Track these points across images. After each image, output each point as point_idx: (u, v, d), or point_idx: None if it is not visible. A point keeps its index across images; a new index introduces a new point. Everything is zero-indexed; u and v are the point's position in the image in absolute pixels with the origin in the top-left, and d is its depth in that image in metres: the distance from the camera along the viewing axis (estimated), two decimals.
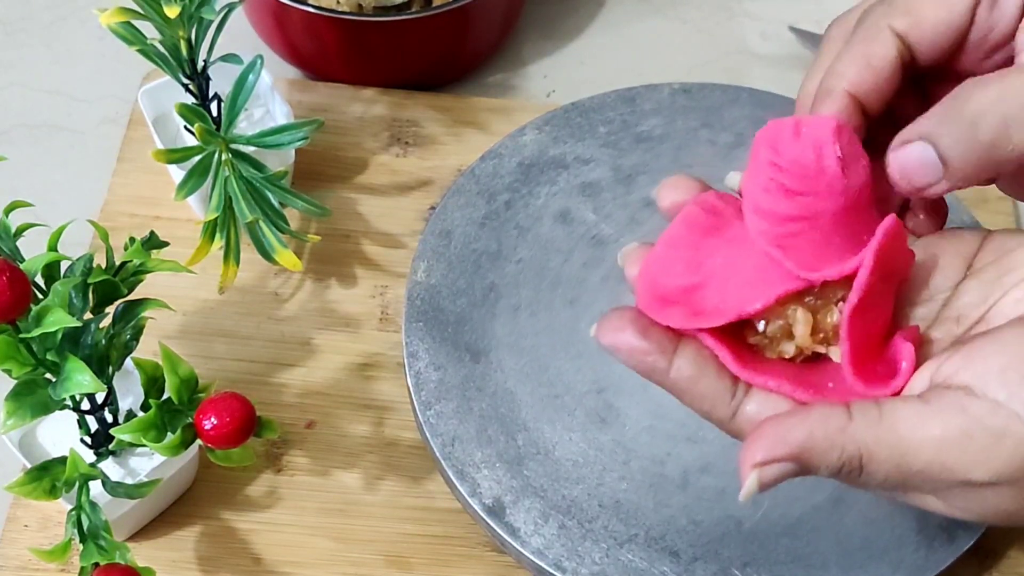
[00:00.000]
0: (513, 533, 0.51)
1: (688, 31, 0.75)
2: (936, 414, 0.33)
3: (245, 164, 0.55)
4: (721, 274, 0.37)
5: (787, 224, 0.36)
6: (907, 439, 0.33)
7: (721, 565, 0.50)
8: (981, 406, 0.33)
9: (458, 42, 0.69)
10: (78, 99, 0.70)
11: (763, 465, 0.34)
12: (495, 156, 0.62)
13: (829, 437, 0.33)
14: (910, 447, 0.33)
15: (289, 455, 0.56)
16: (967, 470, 0.33)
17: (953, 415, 0.33)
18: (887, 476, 0.34)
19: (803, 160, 0.36)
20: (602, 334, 0.37)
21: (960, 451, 0.33)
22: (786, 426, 0.34)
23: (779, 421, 0.34)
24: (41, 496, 0.45)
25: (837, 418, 0.34)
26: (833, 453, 0.33)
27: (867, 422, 0.34)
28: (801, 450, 0.33)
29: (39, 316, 0.42)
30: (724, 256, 0.37)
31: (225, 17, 0.55)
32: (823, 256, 0.35)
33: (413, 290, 0.58)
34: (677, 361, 0.36)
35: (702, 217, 0.38)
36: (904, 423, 0.34)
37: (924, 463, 0.33)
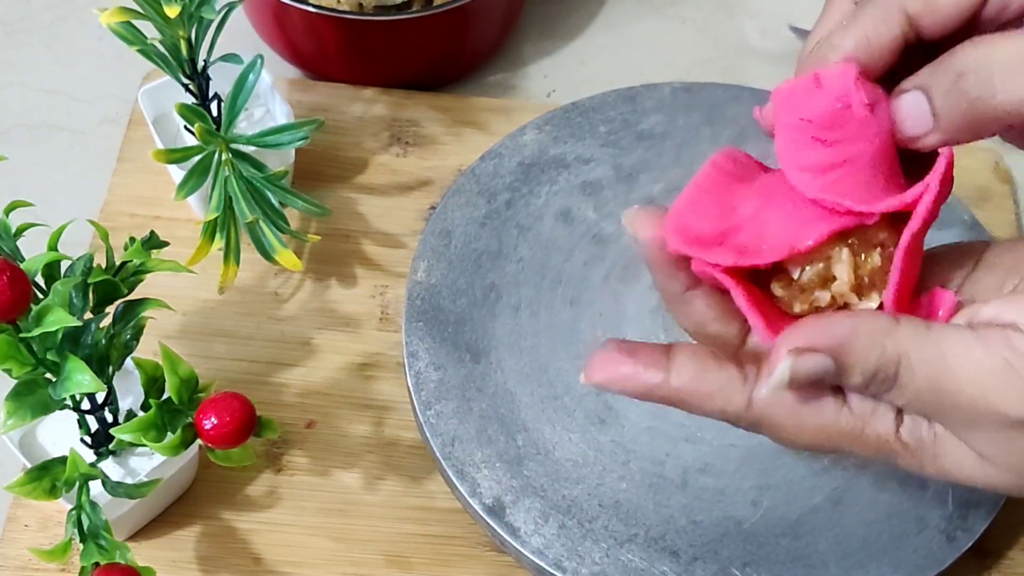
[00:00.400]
0: (513, 533, 0.51)
1: (688, 30, 0.75)
2: (982, 344, 0.33)
3: (245, 164, 0.55)
4: (758, 219, 0.36)
5: (829, 173, 0.35)
6: (950, 357, 0.33)
7: (721, 565, 0.50)
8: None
9: (458, 42, 0.69)
10: (78, 99, 0.70)
11: (800, 353, 0.33)
12: (495, 156, 0.62)
13: (873, 335, 0.33)
14: (951, 368, 0.33)
15: (289, 455, 0.56)
16: (1004, 403, 0.33)
17: (999, 348, 0.33)
18: (919, 392, 0.33)
19: (831, 109, 0.36)
20: (591, 375, 0.36)
21: (1001, 382, 0.32)
22: (831, 320, 0.33)
23: (822, 317, 0.33)
24: (41, 496, 0.45)
25: (884, 321, 0.33)
26: (873, 352, 0.33)
27: (914, 331, 0.33)
28: (842, 343, 0.33)
29: (39, 316, 0.42)
30: (757, 203, 0.36)
31: (225, 17, 0.55)
32: (871, 195, 0.35)
33: (413, 290, 0.58)
34: (674, 366, 0.35)
35: (731, 165, 0.37)
36: (950, 343, 0.33)
37: (961, 386, 0.33)
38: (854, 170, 0.35)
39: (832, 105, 0.36)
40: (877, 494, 0.52)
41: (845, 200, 0.34)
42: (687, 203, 0.36)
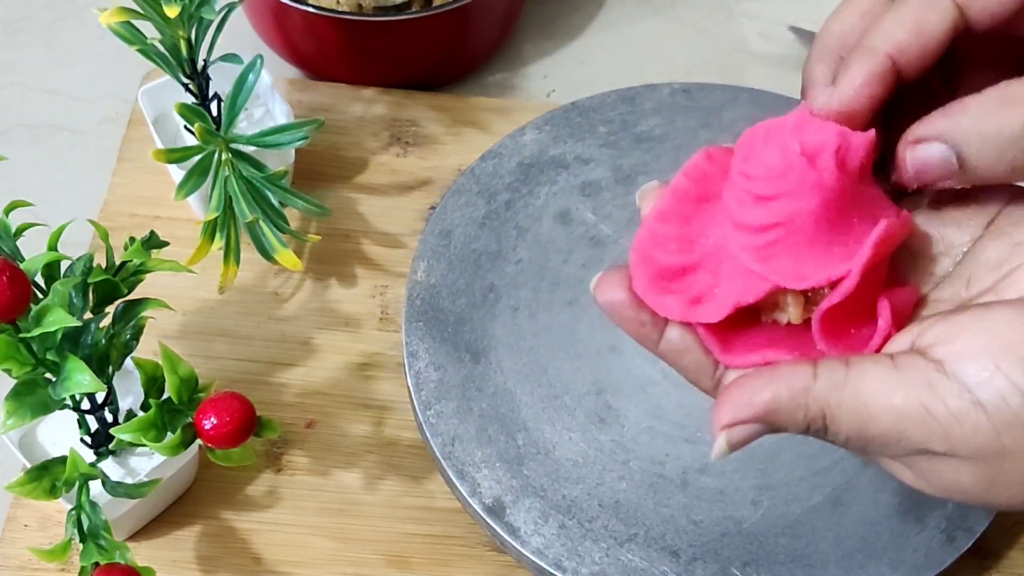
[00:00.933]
0: (513, 533, 0.51)
1: (687, 31, 0.75)
2: (901, 384, 0.33)
3: (245, 164, 0.55)
4: (714, 256, 0.37)
5: (765, 233, 0.35)
6: (868, 405, 0.33)
7: (721, 565, 0.50)
8: (948, 386, 0.33)
9: (458, 42, 0.69)
10: (78, 99, 0.70)
11: (731, 427, 0.34)
12: (495, 156, 0.62)
13: (794, 398, 0.34)
14: (871, 413, 0.33)
15: (289, 455, 0.56)
16: (925, 443, 0.33)
17: (917, 389, 0.33)
18: (848, 437, 0.34)
19: (769, 163, 0.36)
20: (601, 292, 0.37)
21: (918, 425, 0.33)
22: (752, 388, 0.34)
23: (745, 383, 0.34)
24: (41, 496, 0.45)
25: (802, 378, 0.34)
26: (798, 413, 0.34)
27: (831, 383, 0.34)
28: (767, 411, 0.34)
29: (39, 316, 0.42)
30: (716, 236, 0.37)
31: (225, 17, 0.55)
32: (808, 258, 0.35)
33: (413, 290, 0.58)
34: (667, 333, 0.37)
35: (691, 188, 0.38)
36: (868, 388, 0.33)
37: (882, 430, 0.33)
38: (792, 231, 0.35)
39: (771, 157, 0.36)
40: (877, 494, 0.52)
41: (773, 276, 0.35)
42: (647, 235, 0.37)
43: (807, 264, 0.35)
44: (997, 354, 0.33)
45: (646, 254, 0.37)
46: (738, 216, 0.36)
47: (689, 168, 0.38)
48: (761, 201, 0.35)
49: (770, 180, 0.35)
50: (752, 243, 0.35)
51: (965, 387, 0.33)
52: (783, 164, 0.35)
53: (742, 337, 0.37)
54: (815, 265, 0.35)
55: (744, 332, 0.37)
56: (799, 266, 0.35)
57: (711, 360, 0.37)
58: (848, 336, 0.36)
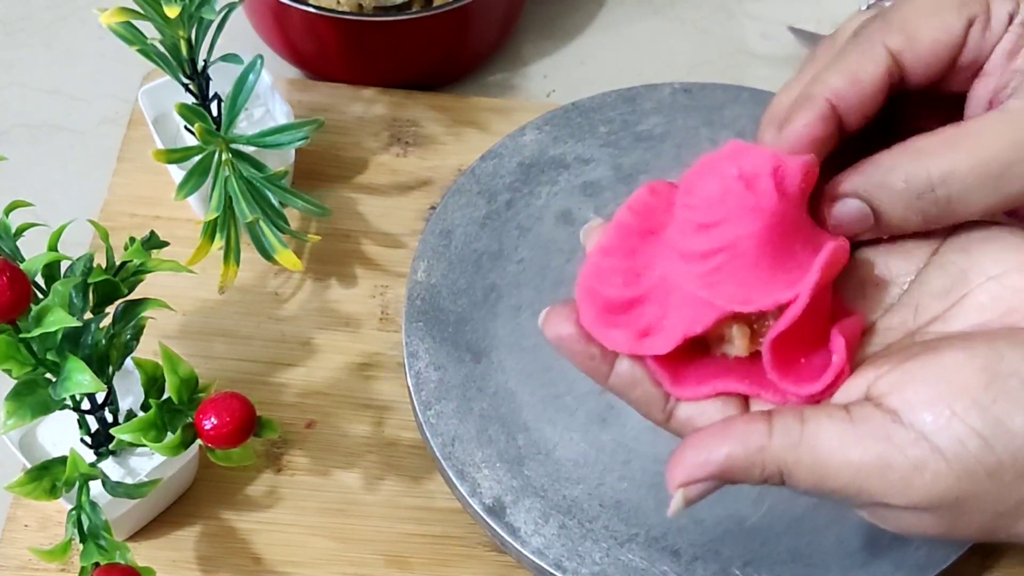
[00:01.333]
0: (513, 533, 0.51)
1: (688, 31, 0.75)
2: (858, 438, 0.33)
3: (245, 164, 0.55)
4: (661, 288, 0.37)
5: (708, 260, 0.36)
6: (825, 461, 0.33)
7: (722, 564, 0.50)
8: (905, 436, 0.33)
9: (458, 42, 0.69)
10: (78, 99, 0.70)
11: (687, 486, 0.35)
12: (495, 156, 0.62)
13: (749, 456, 0.34)
14: (828, 469, 0.33)
15: (289, 455, 0.56)
16: (884, 495, 0.33)
17: (875, 441, 0.33)
18: (808, 491, 0.34)
19: (708, 190, 0.36)
20: (548, 327, 0.37)
21: (878, 478, 0.33)
22: (707, 446, 0.35)
23: (700, 440, 0.35)
24: (41, 496, 0.45)
25: (757, 436, 0.34)
26: (754, 471, 0.34)
27: (787, 441, 0.34)
28: (722, 470, 0.34)
29: (39, 316, 0.42)
30: (662, 268, 0.37)
31: (225, 17, 0.55)
32: (753, 283, 0.35)
33: (413, 290, 0.58)
34: (617, 367, 0.37)
35: (634, 221, 0.38)
36: (824, 444, 0.34)
37: (841, 485, 0.34)
38: (734, 256, 0.35)
39: (709, 185, 0.36)
40: None
41: (718, 299, 0.35)
42: (592, 270, 0.37)
43: (752, 289, 0.35)
44: (951, 399, 0.33)
45: (591, 289, 0.37)
46: (682, 245, 0.36)
47: (632, 202, 0.39)
48: (703, 229, 0.36)
49: (710, 207, 0.36)
50: (697, 271, 0.36)
51: (922, 435, 0.33)
52: (721, 190, 0.36)
53: (692, 369, 0.37)
54: (760, 289, 0.35)
55: (694, 364, 0.37)
56: (744, 291, 0.35)
57: (661, 392, 0.37)
58: (799, 366, 0.36)
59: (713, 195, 0.36)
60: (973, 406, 0.32)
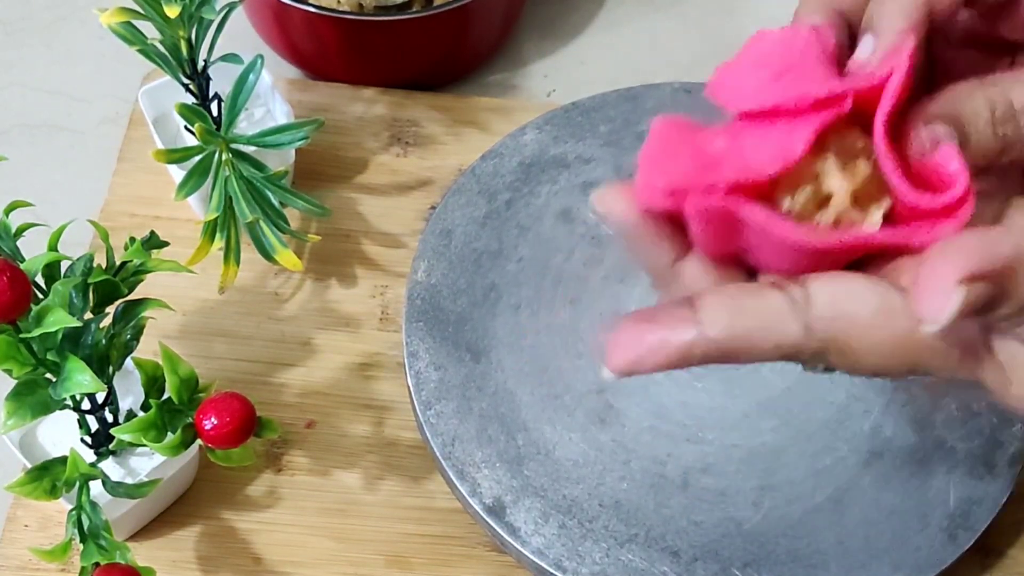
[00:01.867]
0: (513, 533, 0.51)
1: (689, 30, 0.75)
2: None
3: (245, 164, 0.55)
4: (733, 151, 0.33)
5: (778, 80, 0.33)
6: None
7: (721, 565, 0.50)
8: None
9: (458, 42, 0.69)
10: (78, 99, 0.70)
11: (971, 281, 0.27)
12: (495, 155, 0.62)
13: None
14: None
15: (289, 455, 0.56)
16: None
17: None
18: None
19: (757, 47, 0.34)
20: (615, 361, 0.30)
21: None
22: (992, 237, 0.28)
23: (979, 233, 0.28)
24: (41, 496, 0.45)
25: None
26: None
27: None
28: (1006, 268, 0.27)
29: (39, 316, 0.42)
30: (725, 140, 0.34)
31: (225, 17, 0.55)
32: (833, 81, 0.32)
33: (413, 290, 0.58)
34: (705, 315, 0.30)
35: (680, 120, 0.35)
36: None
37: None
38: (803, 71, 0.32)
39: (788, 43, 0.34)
40: (878, 493, 0.52)
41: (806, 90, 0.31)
42: (654, 155, 0.33)
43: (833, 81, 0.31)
44: None
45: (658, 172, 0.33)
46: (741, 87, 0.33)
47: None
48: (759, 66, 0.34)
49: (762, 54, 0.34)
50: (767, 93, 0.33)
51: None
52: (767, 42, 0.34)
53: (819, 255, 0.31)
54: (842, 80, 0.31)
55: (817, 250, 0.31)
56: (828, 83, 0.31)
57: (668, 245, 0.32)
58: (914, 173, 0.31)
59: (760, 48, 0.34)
60: None
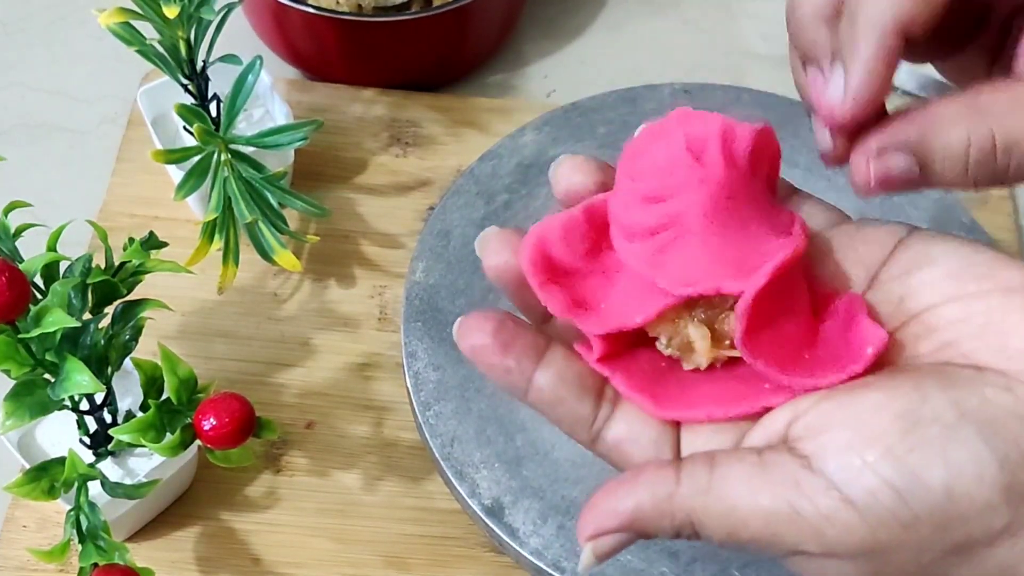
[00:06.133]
0: (512, 533, 0.51)
1: (689, 31, 0.75)
2: (768, 484, 0.31)
3: (244, 164, 0.55)
4: (611, 269, 0.34)
5: (654, 237, 0.33)
6: (735, 509, 0.31)
7: (721, 565, 0.50)
8: (815, 484, 0.30)
9: (458, 42, 0.69)
10: (78, 99, 0.70)
11: (596, 538, 0.33)
12: (494, 156, 0.62)
13: (657, 506, 0.32)
14: (739, 517, 0.31)
15: (288, 455, 0.56)
16: (798, 543, 0.31)
17: (785, 488, 0.31)
18: (722, 541, 0.32)
19: (654, 161, 0.34)
20: (462, 337, 0.34)
21: (789, 525, 0.31)
22: (615, 497, 0.33)
23: (609, 493, 0.33)
24: (40, 496, 0.45)
25: (664, 485, 0.32)
26: (664, 521, 0.32)
27: (694, 489, 0.32)
28: (632, 521, 0.32)
29: (38, 316, 0.42)
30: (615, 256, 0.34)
31: (224, 17, 0.55)
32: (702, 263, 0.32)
33: (412, 290, 0.58)
34: (538, 379, 0.33)
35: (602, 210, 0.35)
36: (733, 490, 0.31)
37: (754, 533, 0.31)
38: (682, 233, 0.33)
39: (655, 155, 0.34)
40: None
41: (661, 281, 0.32)
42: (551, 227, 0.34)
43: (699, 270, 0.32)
44: (863, 447, 0.30)
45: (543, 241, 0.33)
46: (625, 220, 0.33)
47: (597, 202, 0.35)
48: (649, 202, 0.33)
49: (656, 178, 0.33)
50: (642, 249, 0.33)
51: (832, 484, 0.30)
52: (668, 159, 0.33)
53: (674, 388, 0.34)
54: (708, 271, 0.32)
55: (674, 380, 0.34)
56: (690, 272, 0.32)
57: (588, 410, 0.34)
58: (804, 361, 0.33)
59: (659, 165, 0.33)
60: (886, 455, 0.30)
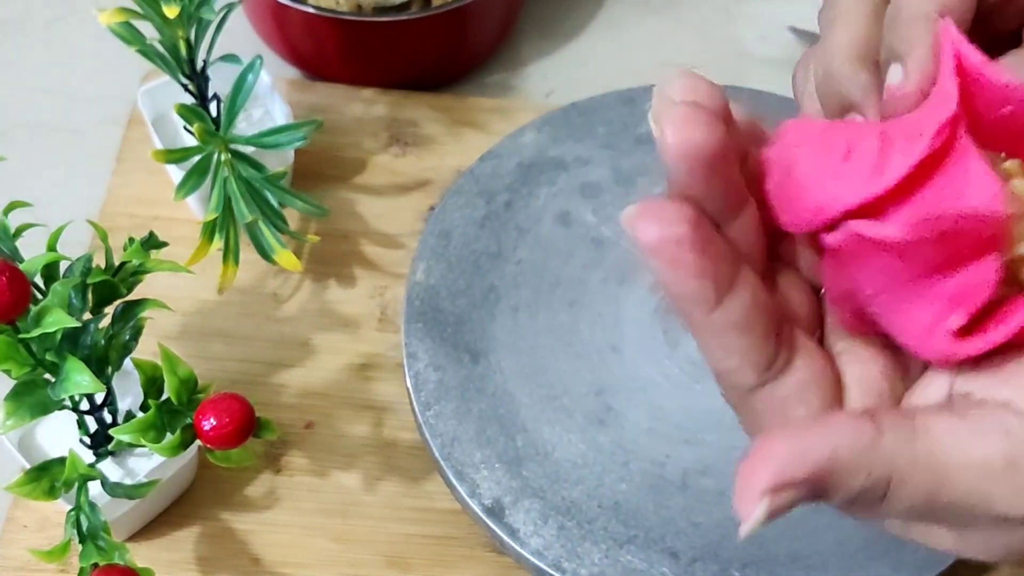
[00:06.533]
0: (512, 534, 0.51)
1: (687, 32, 0.75)
2: (976, 435, 0.28)
3: (244, 164, 0.55)
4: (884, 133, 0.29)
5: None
6: (946, 464, 0.28)
7: (721, 566, 0.50)
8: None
9: (457, 42, 0.69)
10: (78, 99, 0.70)
11: (775, 491, 0.28)
12: (494, 156, 0.62)
13: (857, 456, 0.27)
14: (949, 474, 0.28)
15: (288, 456, 0.56)
16: (1001, 503, 0.28)
17: (996, 438, 0.28)
18: (913, 505, 0.28)
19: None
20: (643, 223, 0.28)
21: (1005, 482, 0.27)
22: (804, 441, 0.28)
23: (794, 435, 0.28)
24: (40, 496, 0.45)
25: (865, 433, 0.28)
26: (859, 476, 0.28)
27: (899, 440, 0.28)
28: (822, 471, 0.27)
29: (38, 316, 0.42)
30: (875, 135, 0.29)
31: (224, 17, 0.55)
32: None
33: (412, 290, 0.58)
34: (729, 301, 0.28)
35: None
36: (941, 443, 0.28)
37: (962, 493, 0.28)
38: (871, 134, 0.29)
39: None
40: None
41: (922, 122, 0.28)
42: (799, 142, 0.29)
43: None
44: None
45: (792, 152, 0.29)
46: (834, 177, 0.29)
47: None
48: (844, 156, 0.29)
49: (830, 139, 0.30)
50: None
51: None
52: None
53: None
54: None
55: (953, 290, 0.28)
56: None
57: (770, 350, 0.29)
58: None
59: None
60: None
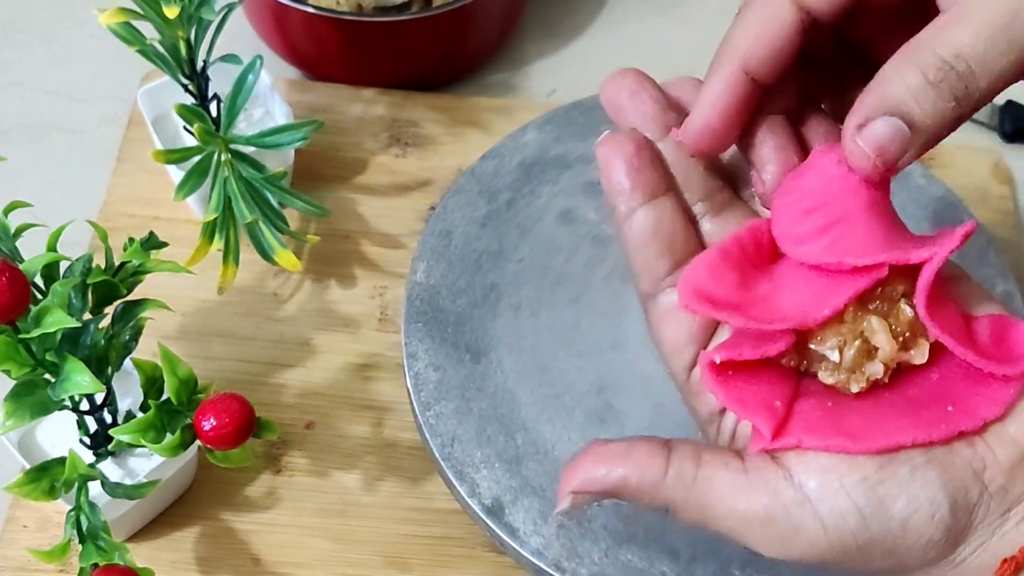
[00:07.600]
0: (512, 533, 0.51)
1: (690, 31, 0.75)
2: (747, 490, 0.34)
3: (244, 164, 0.55)
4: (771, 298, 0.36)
5: (824, 235, 0.35)
6: (712, 508, 0.35)
7: (720, 564, 0.50)
8: (792, 495, 0.34)
9: (458, 42, 0.69)
10: (78, 99, 0.70)
11: (577, 494, 0.36)
12: (496, 155, 0.62)
13: (642, 488, 0.35)
14: (714, 515, 0.35)
15: (288, 456, 0.56)
16: (759, 547, 0.35)
17: (762, 495, 0.34)
18: (689, 526, 0.36)
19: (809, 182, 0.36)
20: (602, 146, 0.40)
21: (758, 530, 0.34)
22: (605, 466, 0.35)
23: (599, 459, 0.36)
24: (40, 497, 0.45)
25: (654, 472, 0.35)
26: (643, 500, 0.35)
27: (679, 482, 0.35)
28: (614, 491, 0.35)
29: (38, 316, 0.42)
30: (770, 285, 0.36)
31: (224, 17, 0.55)
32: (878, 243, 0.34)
33: (412, 290, 0.58)
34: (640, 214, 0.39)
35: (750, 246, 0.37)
36: (714, 492, 0.34)
37: (723, 529, 0.35)
38: (850, 227, 0.35)
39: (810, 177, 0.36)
40: None
41: (847, 257, 0.34)
42: (708, 264, 0.36)
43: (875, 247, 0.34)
44: (843, 472, 0.33)
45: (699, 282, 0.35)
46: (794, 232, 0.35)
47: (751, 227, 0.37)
48: (810, 213, 0.35)
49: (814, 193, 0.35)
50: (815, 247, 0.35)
51: (807, 499, 0.33)
52: (823, 177, 0.35)
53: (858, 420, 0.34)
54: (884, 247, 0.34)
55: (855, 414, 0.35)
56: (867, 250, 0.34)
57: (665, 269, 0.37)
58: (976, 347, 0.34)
59: (815, 184, 0.35)
60: (862, 482, 0.33)
